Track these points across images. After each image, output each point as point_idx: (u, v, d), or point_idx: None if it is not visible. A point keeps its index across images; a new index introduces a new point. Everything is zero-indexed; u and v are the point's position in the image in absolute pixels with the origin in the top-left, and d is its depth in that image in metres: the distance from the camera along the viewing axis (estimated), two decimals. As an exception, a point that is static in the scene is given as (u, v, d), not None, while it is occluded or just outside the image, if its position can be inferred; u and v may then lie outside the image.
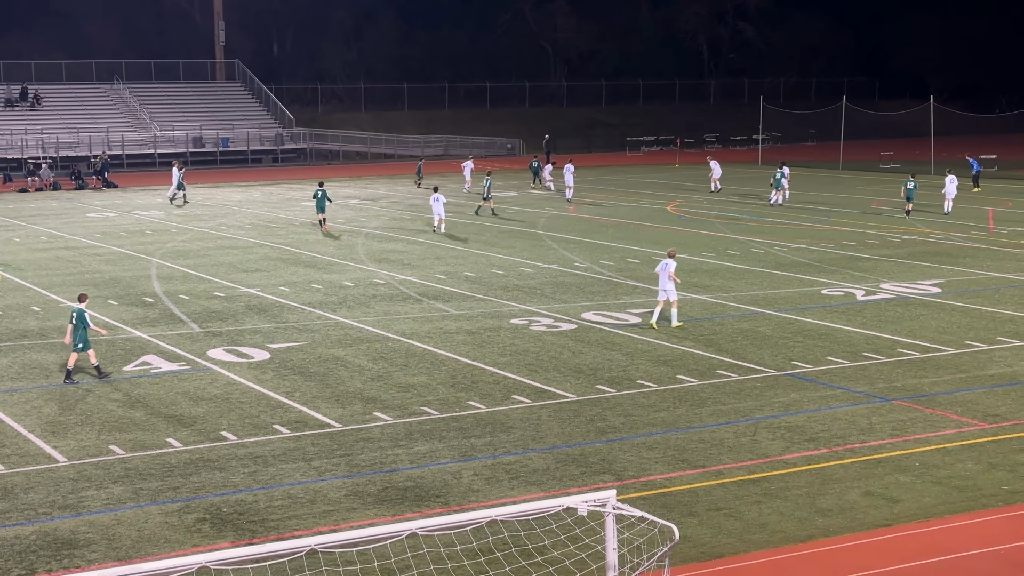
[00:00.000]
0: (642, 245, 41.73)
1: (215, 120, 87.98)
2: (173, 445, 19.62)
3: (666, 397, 22.28)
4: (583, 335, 27.42)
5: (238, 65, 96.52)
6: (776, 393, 22.53)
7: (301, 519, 16.35)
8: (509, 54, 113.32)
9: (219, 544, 15.40)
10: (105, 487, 17.64)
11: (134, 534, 15.87)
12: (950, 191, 50.34)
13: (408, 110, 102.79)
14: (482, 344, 26.61)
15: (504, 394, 22.52)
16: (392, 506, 16.80)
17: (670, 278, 27.63)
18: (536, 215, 51.45)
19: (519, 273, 36.09)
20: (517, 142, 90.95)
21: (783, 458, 18.78)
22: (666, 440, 19.70)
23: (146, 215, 53.49)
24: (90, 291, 33.55)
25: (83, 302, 24.17)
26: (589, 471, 18.21)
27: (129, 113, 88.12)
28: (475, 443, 19.60)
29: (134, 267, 38.22)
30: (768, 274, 35.62)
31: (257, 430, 20.40)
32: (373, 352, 25.97)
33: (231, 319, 29.70)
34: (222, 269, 37.40)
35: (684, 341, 26.63)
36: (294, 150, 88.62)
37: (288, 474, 18.16)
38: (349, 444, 19.61)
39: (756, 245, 41.57)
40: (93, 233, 46.90)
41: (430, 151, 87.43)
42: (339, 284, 34.46)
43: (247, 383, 23.47)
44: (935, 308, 30.35)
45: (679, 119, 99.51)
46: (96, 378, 23.77)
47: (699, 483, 17.66)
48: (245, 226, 48.68)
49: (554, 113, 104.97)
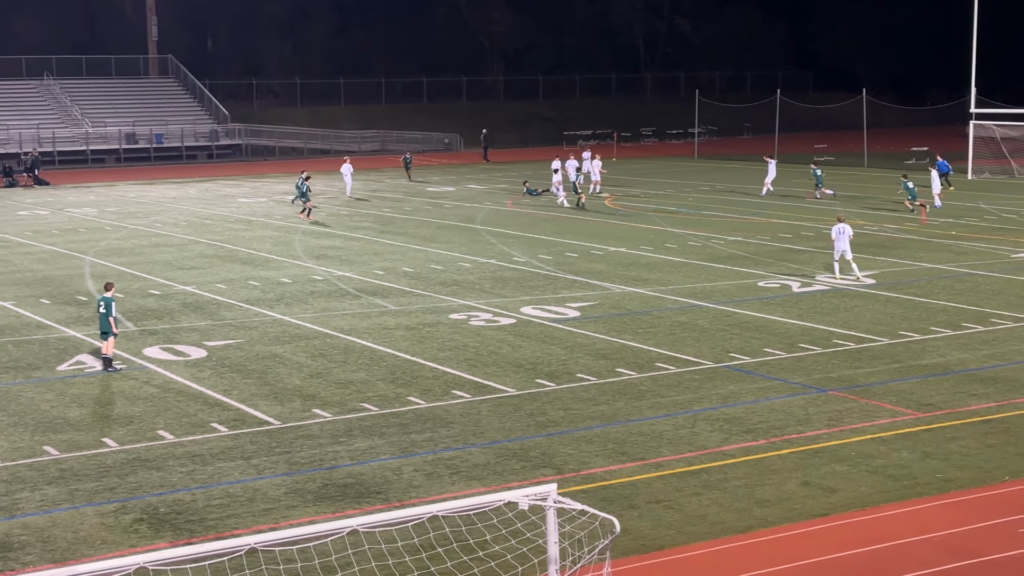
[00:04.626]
0: (580, 239, 41.83)
1: (149, 116, 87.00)
2: (109, 445, 19.39)
3: (605, 390, 22.36)
4: (522, 329, 27.45)
5: (171, 60, 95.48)
6: (714, 385, 22.69)
7: (240, 518, 16.23)
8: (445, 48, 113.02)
9: (157, 544, 15.24)
10: (39, 488, 17.40)
11: (70, 536, 15.67)
12: (935, 187, 50.52)
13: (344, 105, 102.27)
14: (421, 340, 26.56)
15: (444, 389, 22.49)
16: (332, 503, 16.73)
17: (849, 239, 32.67)
18: (475, 210, 51.43)
19: (458, 268, 36.06)
20: (455, 136, 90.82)
21: (722, 450, 18.92)
22: (606, 433, 19.78)
23: (79, 213, 52.81)
24: (22, 290, 33.11)
25: (110, 291, 24.34)
26: (529, 465, 18.24)
27: (60, 109, 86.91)
28: (415, 439, 19.56)
29: (67, 265, 37.72)
30: (705, 267, 35.87)
31: (194, 429, 20.22)
32: (311, 349, 25.83)
33: (167, 317, 29.41)
34: (157, 267, 37.03)
35: (623, 334, 26.74)
36: (229, 146, 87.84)
37: (226, 472, 18.02)
38: (288, 442, 19.49)
39: (693, 238, 41.83)
40: (24, 231, 46.23)
41: (367, 146, 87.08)
42: (276, 281, 34.24)
43: (184, 381, 23.25)
44: (870, 299, 30.70)
45: (616, 113, 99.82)
46: (105, 369, 23.90)
47: (639, 476, 17.74)
48: (180, 223, 48.21)
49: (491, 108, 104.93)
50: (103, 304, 24.01)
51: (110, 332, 24.03)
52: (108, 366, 24.03)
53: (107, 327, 23.97)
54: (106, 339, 24.11)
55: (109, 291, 24.47)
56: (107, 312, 23.89)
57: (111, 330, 24.01)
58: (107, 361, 24.08)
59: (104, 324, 23.99)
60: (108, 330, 23.99)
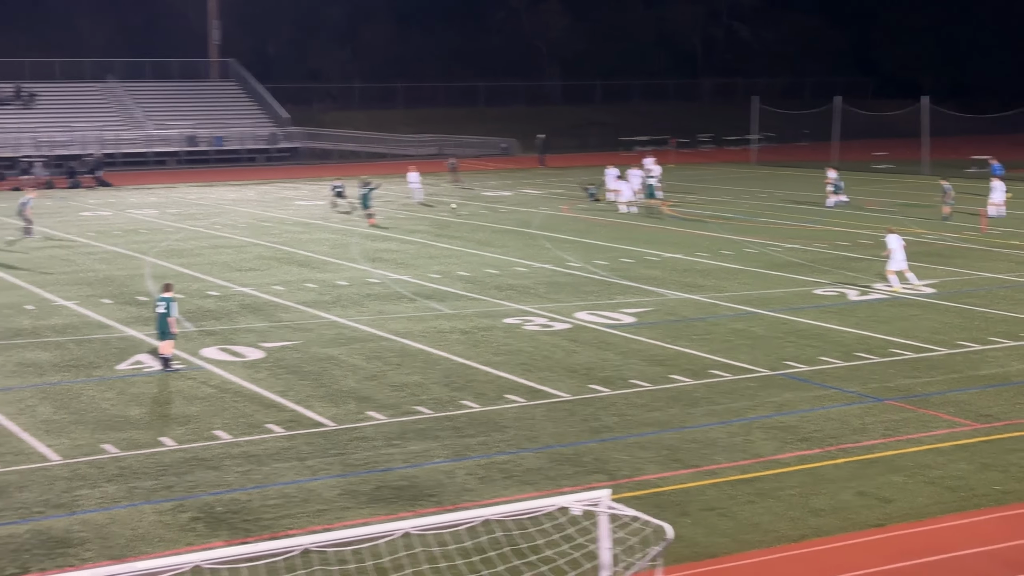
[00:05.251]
0: (636, 245, 41.75)
1: (209, 119, 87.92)
2: (167, 444, 19.61)
3: (659, 397, 22.31)
4: (577, 335, 27.45)
5: (232, 64, 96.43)
6: (769, 393, 22.57)
7: (295, 518, 16.36)
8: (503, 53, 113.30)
9: (213, 543, 15.39)
10: (99, 486, 17.64)
11: (128, 533, 15.87)
12: (997, 196, 49.60)
13: (402, 109, 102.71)
14: (476, 343, 26.63)
15: (498, 393, 22.54)
16: (386, 505, 16.81)
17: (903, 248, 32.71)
18: (530, 215, 51.48)
19: (513, 273, 36.11)
20: (512, 141, 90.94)
21: (776, 458, 18.81)
22: (659, 440, 19.73)
23: (140, 214, 53.44)
24: (84, 290, 33.56)
25: (169, 292, 24.61)
26: (583, 471, 18.24)
27: (123, 111, 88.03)
28: (469, 442, 19.62)
29: (128, 266, 38.19)
30: (762, 274, 35.67)
31: (251, 429, 20.41)
32: (367, 351, 25.97)
33: (225, 318, 29.69)
34: (216, 268, 37.39)
35: (678, 341, 26.67)
36: (288, 149, 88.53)
37: (282, 473, 18.17)
38: (343, 443, 19.62)
39: (749, 245, 41.62)
40: (87, 232, 46.86)
41: (424, 150, 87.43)
42: (333, 283, 34.46)
43: (241, 382, 23.47)
44: (928, 308, 30.40)
45: (672, 119, 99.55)
46: (163, 369, 24.15)
47: (692, 483, 17.69)
48: (239, 225, 48.65)
49: (548, 112, 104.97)
50: (163, 304, 24.22)
51: (168, 332, 24.26)
52: (166, 366, 24.29)
53: (165, 327, 24.18)
54: (164, 339, 24.35)
55: (168, 292, 24.71)
56: (167, 312, 24.10)
57: (169, 330, 24.24)
58: (165, 361, 24.34)
59: (162, 324, 24.20)
60: (166, 330, 24.21)
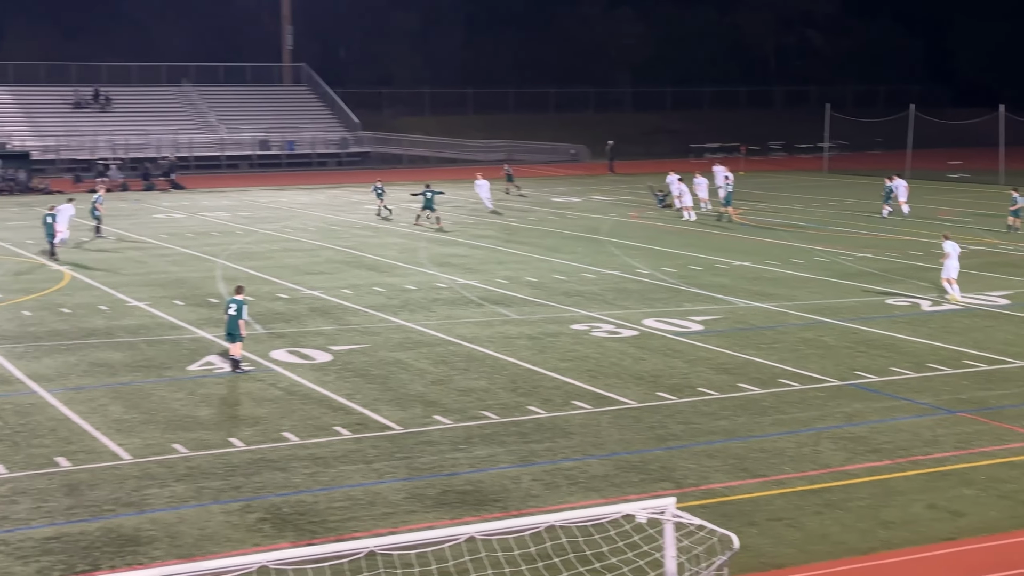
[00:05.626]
0: (705, 252, 41.52)
1: (281, 123, 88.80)
2: (235, 445, 19.79)
3: (727, 405, 22.15)
4: (644, 342, 27.33)
5: (305, 69, 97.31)
6: (839, 403, 22.32)
7: (360, 521, 16.43)
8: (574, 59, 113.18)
9: (279, 544, 15.50)
10: (168, 485, 17.83)
11: (196, 532, 16.03)
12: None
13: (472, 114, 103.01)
14: (543, 349, 26.61)
15: (564, 399, 22.50)
16: (451, 509, 16.84)
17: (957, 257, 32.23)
18: (599, 221, 51.39)
19: (581, 279, 36.05)
20: (581, 147, 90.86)
21: (845, 469, 18.60)
22: (727, 448, 19.59)
23: (212, 217, 54.06)
24: (157, 291, 33.99)
25: (240, 294, 24.82)
26: (648, 478, 18.15)
27: (197, 115, 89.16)
28: (535, 448, 19.60)
29: (200, 268, 38.63)
30: (832, 283, 35.31)
31: (318, 431, 20.54)
32: (434, 356, 26.04)
33: (294, 321, 29.93)
34: (286, 271, 37.71)
35: (746, 349, 26.46)
36: (358, 153, 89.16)
37: (348, 476, 18.26)
38: (409, 447, 19.68)
39: (820, 254, 41.22)
40: (160, 234, 47.47)
41: (493, 156, 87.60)
42: (401, 287, 34.61)
43: (309, 384, 23.64)
44: (1004, 320, 29.91)
45: (743, 126, 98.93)
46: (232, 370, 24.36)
47: (760, 492, 17.53)
48: (309, 229, 49.04)
49: (618, 119, 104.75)
50: (233, 306, 24.43)
51: (238, 334, 24.46)
52: (236, 367, 24.51)
53: (235, 329, 24.36)
54: (233, 341, 24.56)
55: (239, 294, 24.93)
56: (237, 315, 24.30)
57: (239, 332, 24.45)
58: (235, 362, 24.56)
59: (232, 326, 24.39)
60: (236, 332, 24.41)
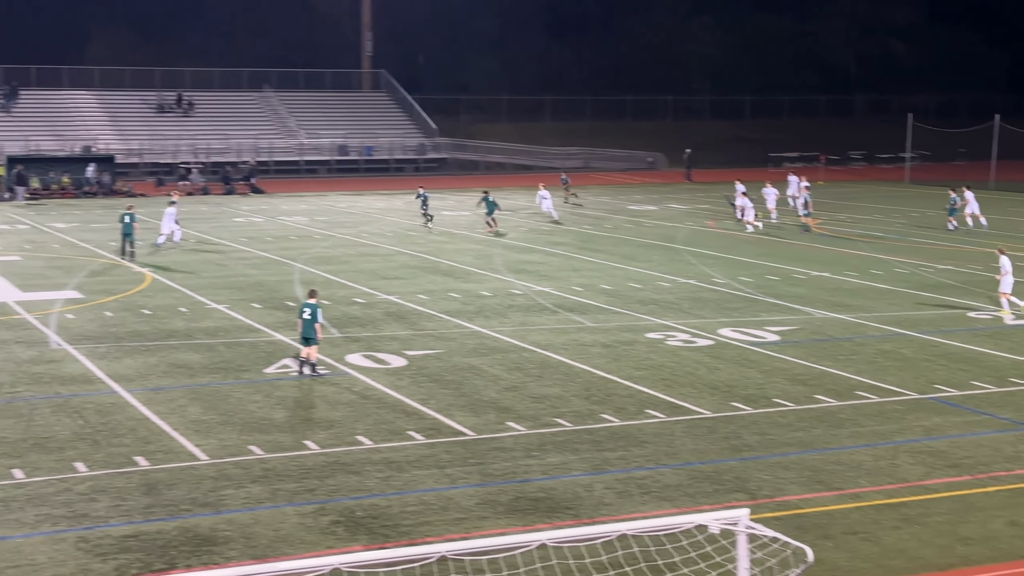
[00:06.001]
0: (782, 262, 41.16)
1: (360, 129, 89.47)
2: (310, 447, 19.96)
3: (803, 417, 21.93)
4: (719, 351, 27.16)
5: (384, 75, 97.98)
6: (917, 417, 22.01)
7: (433, 525, 16.49)
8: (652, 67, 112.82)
9: (352, 547, 15.60)
10: (244, 486, 18.03)
11: (271, 533, 16.18)
12: None
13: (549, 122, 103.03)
14: (617, 357, 26.53)
15: (638, 408, 22.42)
16: (523, 516, 16.84)
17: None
18: (675, 230, 51.16)
19: (656, 287, 35.90)
20: (658, 155, 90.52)
21: (924, 483, 18.33)
22: (802, 460, 19.39)
23: (290, 221, 54.60)
24: (235, 294, 34.39)
25: (314, 298, 24.97)
26: (722, 489, 18.02)
27: (277, 120, 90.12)
28: (607, 456, 19.55)
29: (278, 272, 39.02)
30: (912, 295, 34.84)
31: (392, 436, 20.64)
32: (508, 362, 26.08)
33: (370, 325, 30.12)
34: (363, 276, 37.97)
35: (823, 360, 26.19)
36: (436, 159, 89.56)
37: (421, 480, 18.34)
38: (482, 453, 19.72)
39: (900, 265, 40.69)
40: (240, 237, 48.03)
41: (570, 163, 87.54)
42: (476, 294, 34.70)
43: (384, 389, 23.77)
44: (1088, 334, 29.32)
45: (823, 135, 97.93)
46: (309, 374, 24.54)
47: (835, 505, 17.34)
48: (386, 234, 49.35)
49: (696, 127, 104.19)
50: (308, 310, 24.61)
51: (313, 338, 24.63)
52: (313, 371, 24.71)
53: (310, 333, 24.54)
54: (308, 344, 24.73)
55: (313, 298, 25.11)
56: (312, 318, 24.48)
57: (315, 336, 24.62)
58: (312, 366, 24.75)
59: (308, 330, 24.56)
60: (312, 336, 24.59)
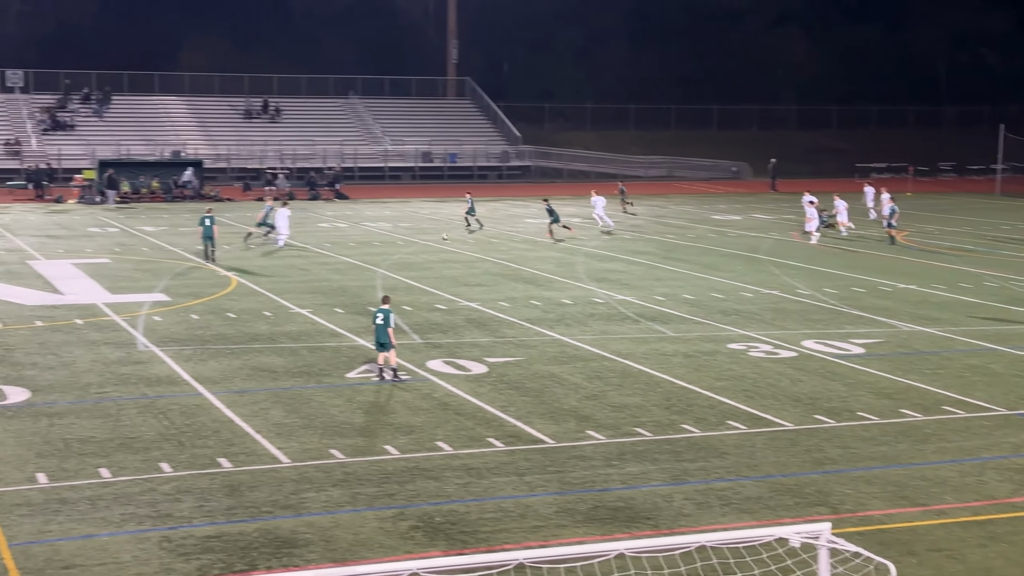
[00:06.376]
0: (868, 274, 40.63)
1: (444, 136, 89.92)
2: (390, 452, 20.07)
3: (887, 431, 21.62)
4: (803, 363, 26.87)
5: (468, 82, 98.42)
6: (1006, 433, 21.59)
7: (511, 533, 16.50)
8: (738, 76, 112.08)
9: (431, 552, 15.65)
10: (325, 489, 18.17)
11: (350, 537, 16.30)
12: None
13: (633, 130, 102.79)
14: (698, 368, 26.37)
15: (719, 419, 22.25)
16: (601, 525, 16.79)
17: None
18: (759, 240, 50.75)
19: (739, 298, 35.63)
20: (743, 165, 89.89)
21: (1012, 501, 17.97)
22: (886, 475, 19.12)
23: (374, 227, 55.02)
24: (319, 299, 34.71)
25: (387, 303, 25.13)
26: (803, 502, 17.82)
27: (362, 127, 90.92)
28: (687, 467, 19.42)
29: (360, 277, 39.33)
30: (1002, 309, 34.21)
31: (472, 442, 20.69)
32: (589, 371, 26.03)
33: (451, 332, 30.23)
34: (444, 282, 38.13)
35: (909, 374, 25.80)
36: (519, 167, 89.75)
37: (500, 487, 18.36)
38: (561, 461, 19.69)
39: (990, 279, 39.98)
40: (324, 242, 48.49)
41: (654, 172, 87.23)
42: (558, 301, 34.68)
43: (464, 395, 23.84)
44: None
45: (912, 146, 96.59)
46: (391, 379, 24.65)
47: (919, 521, 17.06)
48: (468, 241, 49.53)
49: (782, 137, 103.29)
50: (381, 316, 24.66)
51: (388, 343, 24.70)
52: (394, 376, 24.84)
53: (384, 338, 24.63)
54: (383, 350, 24.80)
55: (386, 304, 25.13)
56: (385, 323, 24.54)
57: (389, 341, 24.70)
58: (393, 371, 24.89)
59: (382, 335, 24.66)
60: (386, 341, 24.67)
